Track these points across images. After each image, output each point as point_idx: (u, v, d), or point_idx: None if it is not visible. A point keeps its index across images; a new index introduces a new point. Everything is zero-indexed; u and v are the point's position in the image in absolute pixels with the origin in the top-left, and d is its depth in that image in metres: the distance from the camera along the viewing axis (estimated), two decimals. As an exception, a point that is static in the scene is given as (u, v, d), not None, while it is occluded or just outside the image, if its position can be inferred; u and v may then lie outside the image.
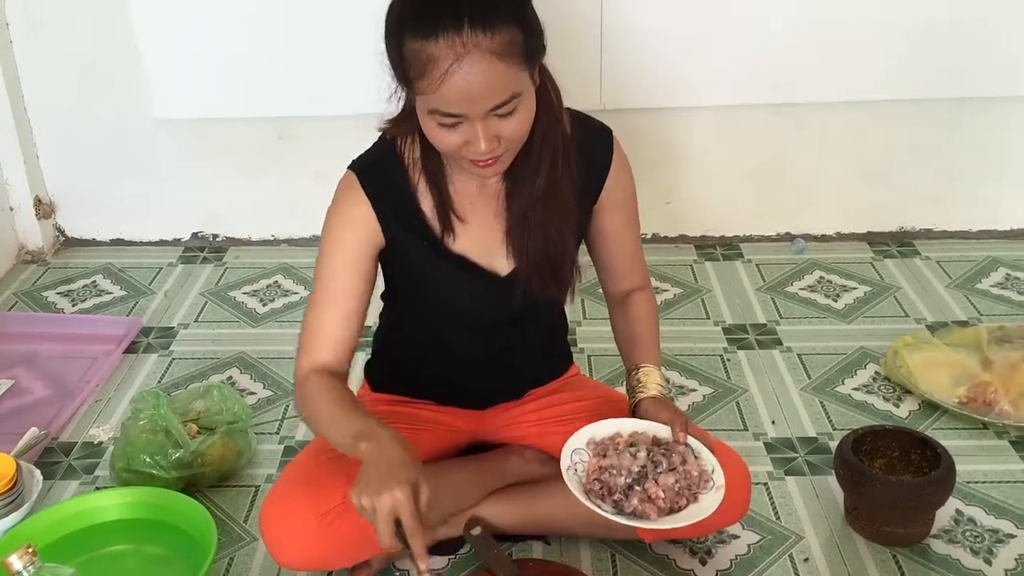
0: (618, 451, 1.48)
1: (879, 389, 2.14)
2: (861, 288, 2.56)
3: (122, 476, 1.83)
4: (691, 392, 2.15)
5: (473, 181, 1.48)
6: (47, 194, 2.82)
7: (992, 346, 2.15)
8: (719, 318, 2.45)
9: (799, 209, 2.79)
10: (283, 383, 2.21)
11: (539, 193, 1.45)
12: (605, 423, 1.54)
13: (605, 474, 1.46)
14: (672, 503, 1.44)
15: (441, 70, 1.25)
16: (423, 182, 1.48)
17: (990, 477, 1.86)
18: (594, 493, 1.46)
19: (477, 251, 1.52)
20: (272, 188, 2.79)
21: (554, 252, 1.50)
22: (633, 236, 1.65)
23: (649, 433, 1.52)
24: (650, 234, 2.81)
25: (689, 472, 1.46)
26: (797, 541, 1.72)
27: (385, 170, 1.49)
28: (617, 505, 1.44)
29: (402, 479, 1.26)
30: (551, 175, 1.44)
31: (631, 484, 1.44)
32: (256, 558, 1.70)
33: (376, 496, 1.25)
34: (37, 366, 2.28)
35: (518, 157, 1.42)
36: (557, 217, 1.47)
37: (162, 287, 2.66)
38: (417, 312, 1.62)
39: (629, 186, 1.60)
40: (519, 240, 1.49)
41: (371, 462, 1.30)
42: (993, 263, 2.66)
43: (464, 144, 1.33)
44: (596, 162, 1.54)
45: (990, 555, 1.67)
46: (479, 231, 1.51)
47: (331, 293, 1.49)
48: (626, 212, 1.61)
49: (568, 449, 1.50)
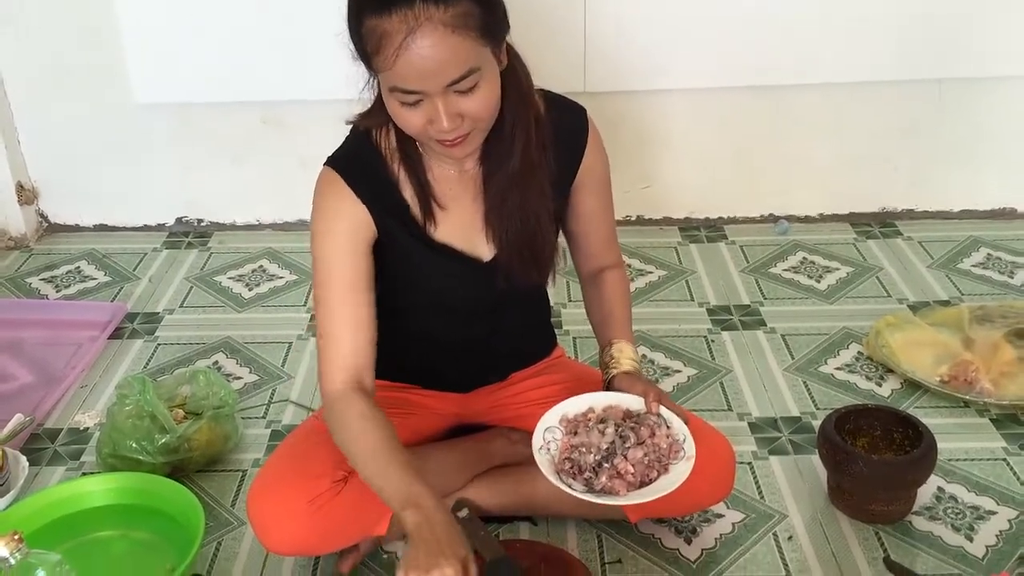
0: (588, 428, 1.49)
1: (862, 369, 2.16)
2: (844, 269, 2.58)
3: (108, 462, 1.83)
4: (675, 373, 2.17)
5: (451, 167, 1.48)
6: (29, 180, 2.80)
7: (973, 325, 2.16)
8: (703, 299, 2.47)
9: (782, 191, 2.80)
10: (269, 368, 2.21)
11: (515, 175, 1.45)
12: (578, 399, 1.55)
13: (575, 452, 1.47)
14: (643, 476, 1.44)
15: (395, 44, 1.25)
16: (402, 172, 1.47)
17: (971, 455, 1.88)
18: (565, 472, 1.46)
19: (459, 238, 1.52)
20: (257, 173, 2.78)
21: (533, 235, 1.50)
22: (608, 215, 1.65)
23: (622, 406, 1.53)
24: (634, 216, 2.82)
25: (658, 444, 1.46)
26: (781, 520, 1.74)
27: (363, 162, 1.47)
28: (588, 483, 1.45)
29: (450, 556, 1.23)
30: (525, 156, 1.44)
31: (600, 461, 1.45)
32: (244, 542, 1.71)
33: (426, 573, 1.22)
34: (22, 352, 2.27)
35: (491, 140, 1.42)
36: (534, 199, 1.48)
37: (147, 272, 2.65)
38: (400, 299, 1.62)
39: (604, 165, 1.60)
40: (498, 224, 1.49)
41: (420, 536, 1.26)
42: (974, 243, 2.68)
43: (427, 123, 1.32)
44: (571, 142, 1.54)
45: (971, 532, 1.70)
46: (459, 217, 1.51)
47: (335, 298, 1.45)
48: (601, 191, 1.62)
49: (541, 428, 1.51)
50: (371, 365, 1.49)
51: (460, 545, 1.27)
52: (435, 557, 1.23)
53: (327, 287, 1.46)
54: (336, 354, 1.46)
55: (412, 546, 1.26)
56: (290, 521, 1.49)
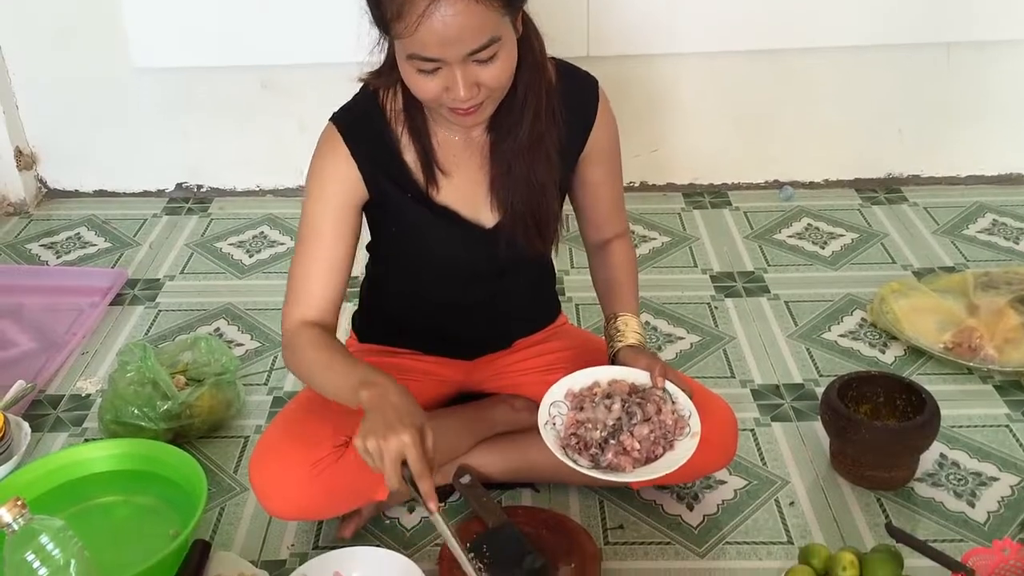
0: (594, 404, 1.48)
1: (865, 335, 2.15)
2: (848, 235, 2.57)
3: (111, 428, 1.84)
4: (678, 340, 2.16)
5: (457, 133, 1.47)
6: (28, 145, 2.78)
7: (978, 292, 2.15)
8: (707, 266, 2.45)
9: (787, 156, 2.78)
10: (271, 334, 2.21)
11: (523, 145, 1.43)
12: (583, 373, 1.54)
13: (581, 428, 1.47)
14: (648, 453, 1.44)
15: (418, 11, 1.23)
16: (406, 135, 1.46)
17: (974, 421, 1.88)
18: (571, 448, 1.46)
19: (462, 204, 1.51)
20: (256, 138, 2.76)
21: (538, 205, 1.49)
22: (616, 187, 1.64)
23: (627, 380, 1.52)
24: (638, 182, 2.80)
25: (664, 421, 1.46)
26: (783, 486, 1.74)
27: (367, 122, 1.47)
28: (594, 459, 1.45)
29: (407, 423, 1.26)
30: (535, 126, 1.42)
31: (606, 438, 1.44)
32: (247, 508, 1.71)
33: (383, 440, 1.25)
34: (22, 318, 2.27)
35: (501, 108, 1.40)
36: (541, 169, 1.46)
37: (147, 239, 2.64)
38: (402, 264, 1.61)
39: (614, 138, 1.59)
40: (503, 193, 1.48)
41: (376, 408, 1.29)
42: (980, 209, 2.66)
43: (443, 91, 1.31)
44: (582, 114, 1.53)
45: (973, 498, 1.70)
46: (463, 184, 1.50)
47: (316, 247, 1.48)
48: (610, 163, 1.60)
49: (546, 403, 1.51)
50: (335, 313, 1.51)
51: (416, 414, 1.28)
52: (393, 424, 1.25)
53: (309, 236, 1.48)
54: (304, 294, 1.48)
55: (368, 416, 1.28)
56: (292, 486, 1.49)
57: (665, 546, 1.61)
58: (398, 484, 1.27)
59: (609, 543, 1.62)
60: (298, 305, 1.49)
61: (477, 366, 1.72)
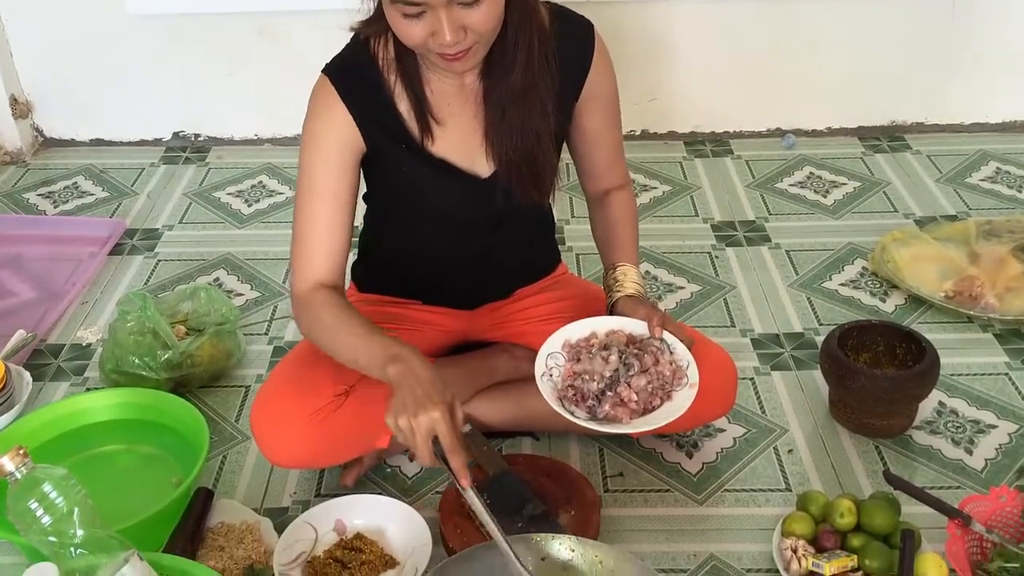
0: (591, 355, 1.47)
1: (866, 284, 2.15)
2: (851, 184, 2.55)
3: (112, 377, 1.84)
4: (679, 290, 2.16)
5: (450, 81, 1.44)
6: (23, 93, 2.75)
7: (980, 240, 2.15)
8: (708, 215, 2.44)
9: (790, 104, 2.75)
10: (270, 284, 2.21)
11: (516, 90, 1.41)
12: (580, 323, 1.53)
13: (578, 380, 1.45)
14: (646, 404, 1.44)
15: None
16: (399, 84, 1.44)
17: (973, 370, 1.88)
18: (568, 399, 1.45)
19: (457, 153, 1.49)
20: (254, 86, 2.73)
21: (533, 153, 1.46)
22: (614, 135, 1.61)
23: (625, 331, 1.51)
24: (639, 131, 2.78)
25: (662, 372, 1.45)
26: (782, 434, 1.75)
27: (359, 73, 1.44)
28: (591, 410, 1.44)
29: (437, 400, 1.25)
30: (527, 71, 1.40)
31: (603, 389, 1.43)
32: (248, 456, 1.72)
33: (413, 417, 1.24)
34: (21, 268, 2.26)
35: (493, 53, 1.38)
36: (535, 116, 1.44)
37: (145, 188, 2.62)
38: (399, 216, 1.60)
39: (611, 83, 1.56)
40: (497, 140, 1.46)
41: (404, 384, 1.28)
42: (984, 157, 2.64)
43: (429, 36, 1.28)
44: (576, 58, 1.50)
45: (971, 445, 1.70)
46: (458, 133, 1.48)
47: (317, 206, 1.46)
48: (608, 110, 1.57)
49: (543, 354, 1.50)
50: (342, 271, 1.50)
51: (445, 389, 1.28)
52: (422, 401, 1.25)
53: (309, 195, 1.46)
54: (310, 256, 1.47)
55: (398, 394, 1.28)
56: (293, 435, 1.50)
57: (664, 493, 1.62)
58: (431, 461, 1.26)
59: (609, 490, 1.63)
60: (305, 268, 1.47)
61: (477, 315, 1.71)
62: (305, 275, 1.47)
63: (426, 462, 1.26)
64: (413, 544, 1.47)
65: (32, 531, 1.20)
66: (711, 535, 1.55)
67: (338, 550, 1.47)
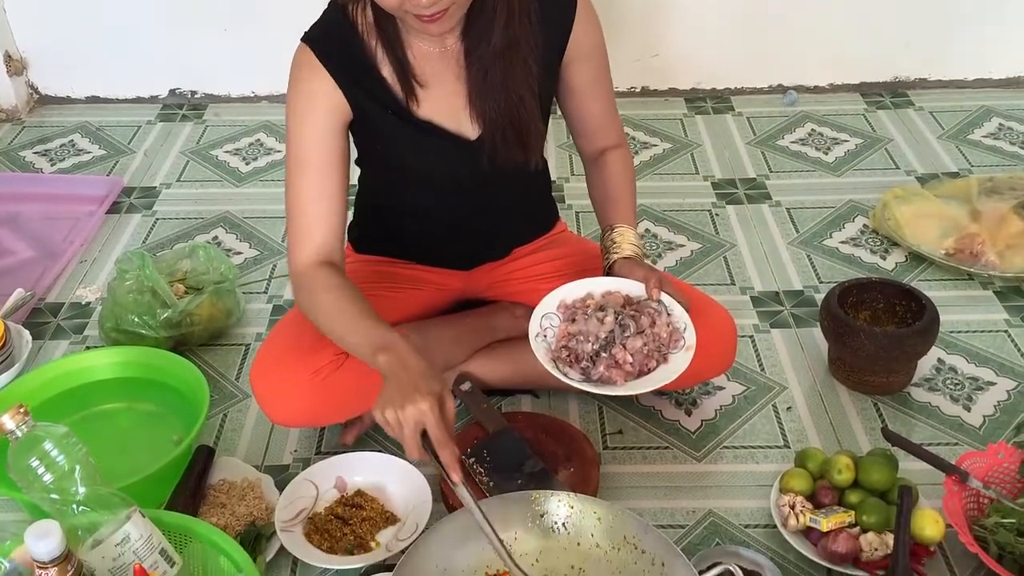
0: (587, 316, 1.45)
1: (867, 242, 2.14)
2: (852, 141, 2.53)
3: (111, 336, 1.84)
4: (679, 248, 2.15)
5: (432, 44, 1.42)
6: (17, 50, 2.73)
7: (981, 197, 2.14)
8: (708, 173, 2.43)
9: (791, 60, 2.73)
10: (269, 243, 2.20)
11: (497, 50, 1.38)
12: (576, 284, 1.51)
13: (572, 341, 1.44)
14: (641, 366, 1.42)
15: None
16: (380, 49, 1.41)
17: (973, 327, 1.88)
18: (562, 360, 1.44)
19: (443, 116, 1.47)
20: (251, 42, 2.70)
21: (516, 113, 1.44)
22: (605, 92, 1.58)
23: (622, 292, 1.49)
24: (639, 87, 2.76)
25: (658, 334, 1.43)
26: (781, 391, 1.75)
27: (339, 39, 1.42)
28: (585, 372, 1.42)
29: (425, 391, 1.21)
30: (508, 31, 1.37)
31: (598, 351, 1.41)
32: (249, 414, 1.73)
33: (400, 410, 1.21)
34: (19, 227, 2.25)
35: (473, 14, 1.35)
36: (518, 76, 1.41)
37: (142, 146, 2.61)
38: (389, 180, 1.59)
39: (596, 37, 1.52)
40: (481, 102, 1.43)
41: (392, 375, 1.25)
42: (987, 113, 2.62)
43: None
44: (558, 13, 1.47)
45: (969, 402, 1.71)
46: (443, 95, 1.45)
47: (308, 178, 1.44)
48: (595, 66, 1.54)
49: (538, 314, 1.48)
50: (340, 242, 1.48)
51: (434, 381, 1.25)
52: (410, 393, 1.22)
53: (299, 167, 1.44)
54: (305, 231, 1.45)
55: (386, 385, 1.25)
56: (294, 395, 1.50)
57: (663, 450, 1.63)
58: (419, 454, 1.22)
59: (608, 448, 1.64)
60: (301, 242, 1.45)
61: (475, 275, 1.71)
62: (301, 250, 1.45)
63: (414, 456, 1.23)
64: (413, 501, 1.48)
65: (34, 489, 1.21)
66: (710, 492, 1.56)
67: (339, 507, 1.49)
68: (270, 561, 1.42)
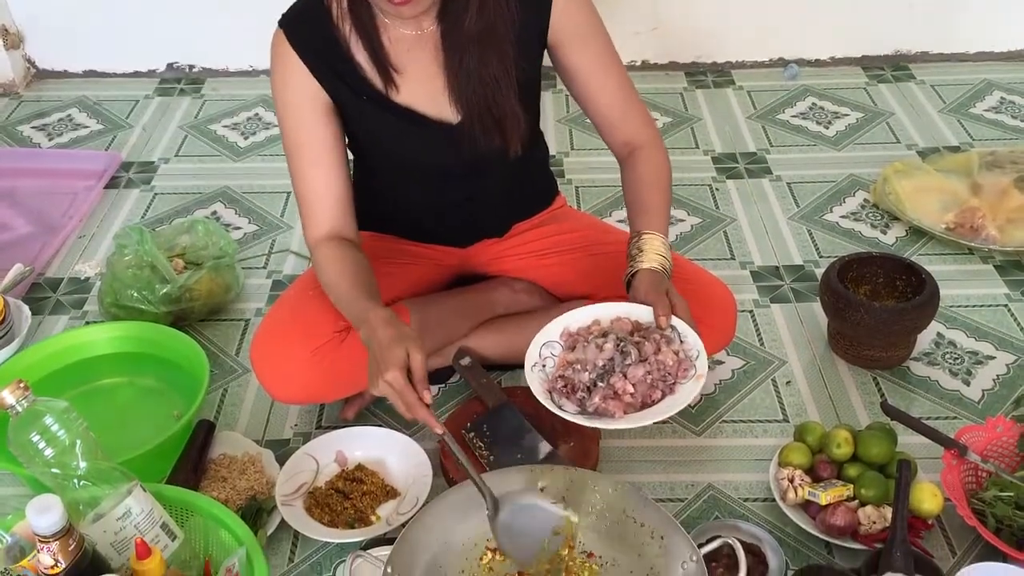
0: (586, 343, 1.36)
1: (867, 216, 2.14)
2: (853, 115, 2.52)
3: (111, 311, 1.84)
4: (679, 222, 2.15)
5: (407, 26, 1.40)
6: (13, 23, 2.71)
7: (982, 171, 2.13)
8: (709, 147, 2.42)
9: (792, 33, 2.71)
10: (268, 218, 2.19)
11: (471, 34, 1.36)
12: (582, 310, 1.42)
13: (569, 370, 1.35)
14: (644, 397, 1.31)
15: None
16: (354, 34, 1.40)
17: (973, 301, 1.88)
18: (557, 391, 1.34)
19: (423, 102, 1.45)
20: (249, 16, 2.65)
21: (493, 99, 1.41)
22: (613, 73, 1.51)
23: (631, 318, 1.39)
24: (639, 61, 2.74)
25: (663, 362, 1.32)
26: (780, 366, 1.75)
27: (313, 24, 1.41)
28: (581, 403, 1.32)
29: (390, 362, 1.25)
30: (483, 14, 1.34)
31: (595, 380, 1.32)
32: (249, 389, 1.73)
33: (374, 385, 1.26)
34: (17, 202, 2.25)
35: None
36: (493, 61, 1.38)
37: (140, 120, 2.59)
38: (375, 165, 1.58)
39: (582, 17, 1.46)
40: (458, 87, 1.41)
41: (368, 349, 1.31)
42: (988, 86, 2.61)
43: None
44: None
45: (968, 376, 1.71)
46: (421, 80, 1.44)
47: (304, 159, 1.46)
48: (592, 46, 1.48)
49: (538, 342, 1.39)
50: (350, 217, 1.50)
51: (398, 349, 1.26)
52: (378, 368, 1.26)
53: (296, 154, 1.46)
54: (313, 213, 1.48)
55: (369, 358, 1.30)
56: (294, 372, 1.50)
57: (663, 424, 1.63)
58: (411, 416, 1.27)
59: (607, 422, 1.64)
60: (308, 223, 1.49)
61: (475, 252, 1.70)
62: (309, 228, 1.49)
63: (408, 417, 1.28)
64: (414, 475, 1.48)
65: (35, 463, 1.21)
66: (709, 465, 1.56)
67: (339, 481, 1.49)
68: (271, 535, 1.43)
